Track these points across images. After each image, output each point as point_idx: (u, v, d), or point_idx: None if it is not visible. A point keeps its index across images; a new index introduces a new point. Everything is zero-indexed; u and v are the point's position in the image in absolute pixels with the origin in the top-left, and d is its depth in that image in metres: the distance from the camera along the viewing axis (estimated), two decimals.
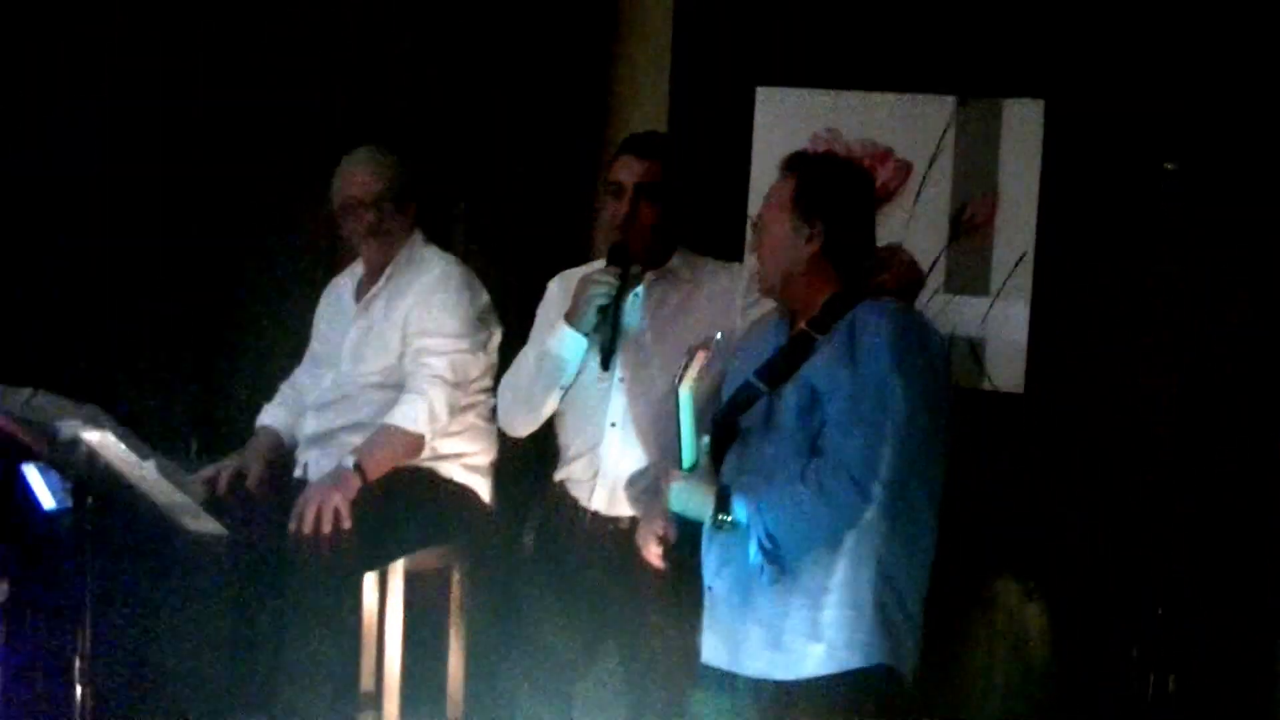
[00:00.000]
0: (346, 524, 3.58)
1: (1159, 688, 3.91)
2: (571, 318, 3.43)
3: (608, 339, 3.40)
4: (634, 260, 3.49)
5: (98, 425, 3.33)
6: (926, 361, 2.98)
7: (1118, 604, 4.03)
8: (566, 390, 3.54)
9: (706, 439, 3.00)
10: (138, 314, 4.61)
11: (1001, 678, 4.13)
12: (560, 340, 3.45)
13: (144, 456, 3.35)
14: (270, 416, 4.09)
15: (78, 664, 3.48)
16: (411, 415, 3.75)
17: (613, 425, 3.53)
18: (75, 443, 3.33)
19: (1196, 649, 3.95)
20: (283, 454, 4.03)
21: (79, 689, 3.46)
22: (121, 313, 4.62)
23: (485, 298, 3.95)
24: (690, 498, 3.02)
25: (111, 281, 4.63)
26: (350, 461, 3.70)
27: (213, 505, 3.68)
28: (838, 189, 3.12)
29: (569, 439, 3.63)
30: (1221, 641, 3.95)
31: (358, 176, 3.96)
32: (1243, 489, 3.99)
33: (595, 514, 3.55)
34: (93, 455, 3.34)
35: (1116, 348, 4.09)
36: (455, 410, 3.82)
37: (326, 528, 3.56)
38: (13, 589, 4.45)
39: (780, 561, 2.93)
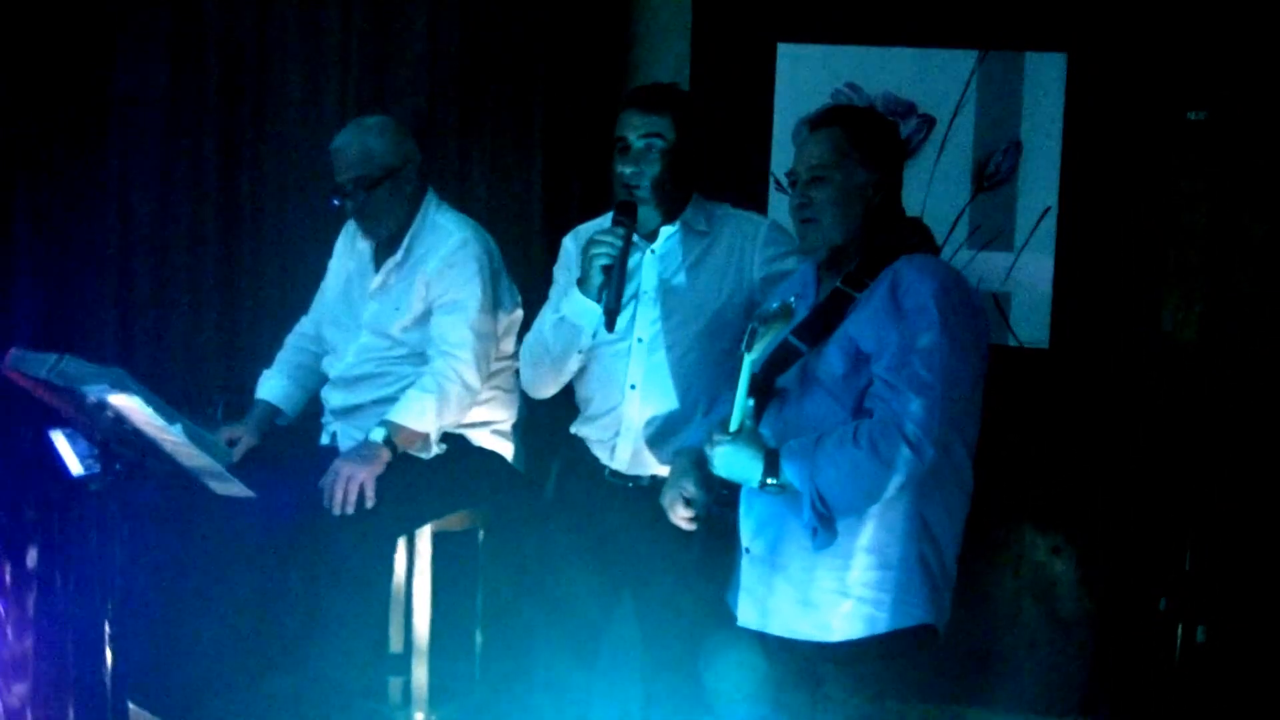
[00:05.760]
0: (371, 501, 3.59)
1: (1188, 639, 3.92)
2: (581, 282, 3.36)
3: (611, 300, 3.30)
4: (640, 217, 3.40)
5: (124, 389, 3.32)
6: (971, 319, 2.97)
7: (1145, 557, 4.03)
8: (585, 351, 3.48)
9: (751, 402, 2.94)
10: (161, 278, 4.60)
11: (1029, 631, 4.13)
12: (572, 305, 3.39)
13: (170, 420, 3.34)
14: (268, 390, 4.00)
15: (106, 629, 3.49)
16: (419, 412, 3.71)
17: (632, 388, 3.48)
18: (102, 407, 3.33)
19: (1225, 601, 3.94)
20: (280, 423, 4.01)
21: (108, 654, 3.48)
22: (146, 276, 4.61)
23: (498, 262, 3.87)
24: (737, 460, 2.94)
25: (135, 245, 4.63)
26: (380, 435, 3.68)
27: (241, 469, 3.69)
28: (889, 136, 3.10)
29: (589, 397, 3.57)
30: (1250, 593, 3.94)
31: (349, 157, 3.80)
32: (1270, 441, 3.98)
33: (615, 472, 3.52)
34: (120, 419, 3.34)
35: (1141, 302, 4.07)
36: (475, 390, 3.79)
37: (351, 507, 3.57)
38: (42, 554, 4.47)
39: (833, 525, 2.91)
